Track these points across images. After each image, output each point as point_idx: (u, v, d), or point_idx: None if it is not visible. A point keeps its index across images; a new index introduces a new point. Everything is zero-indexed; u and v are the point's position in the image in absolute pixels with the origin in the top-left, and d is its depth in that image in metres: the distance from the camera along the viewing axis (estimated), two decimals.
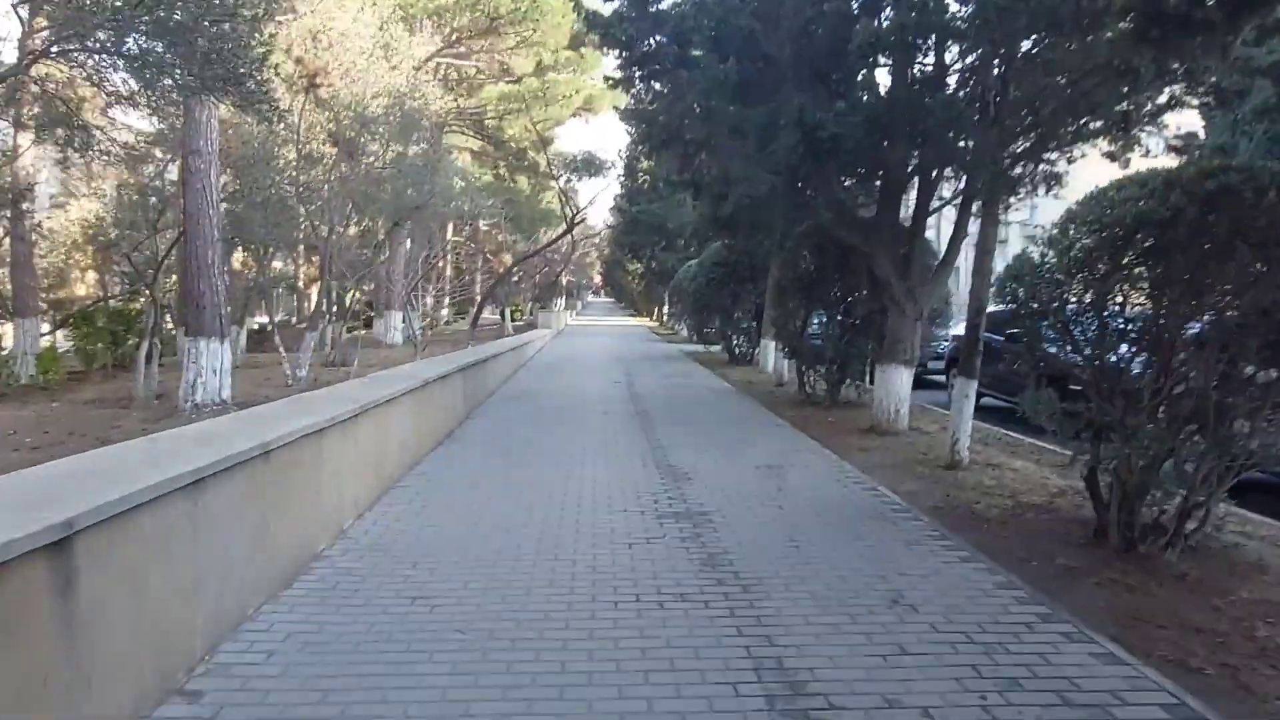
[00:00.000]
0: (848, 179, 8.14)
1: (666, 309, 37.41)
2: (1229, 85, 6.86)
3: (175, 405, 10.11)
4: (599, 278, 72.88)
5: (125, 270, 12.32)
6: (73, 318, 13.09)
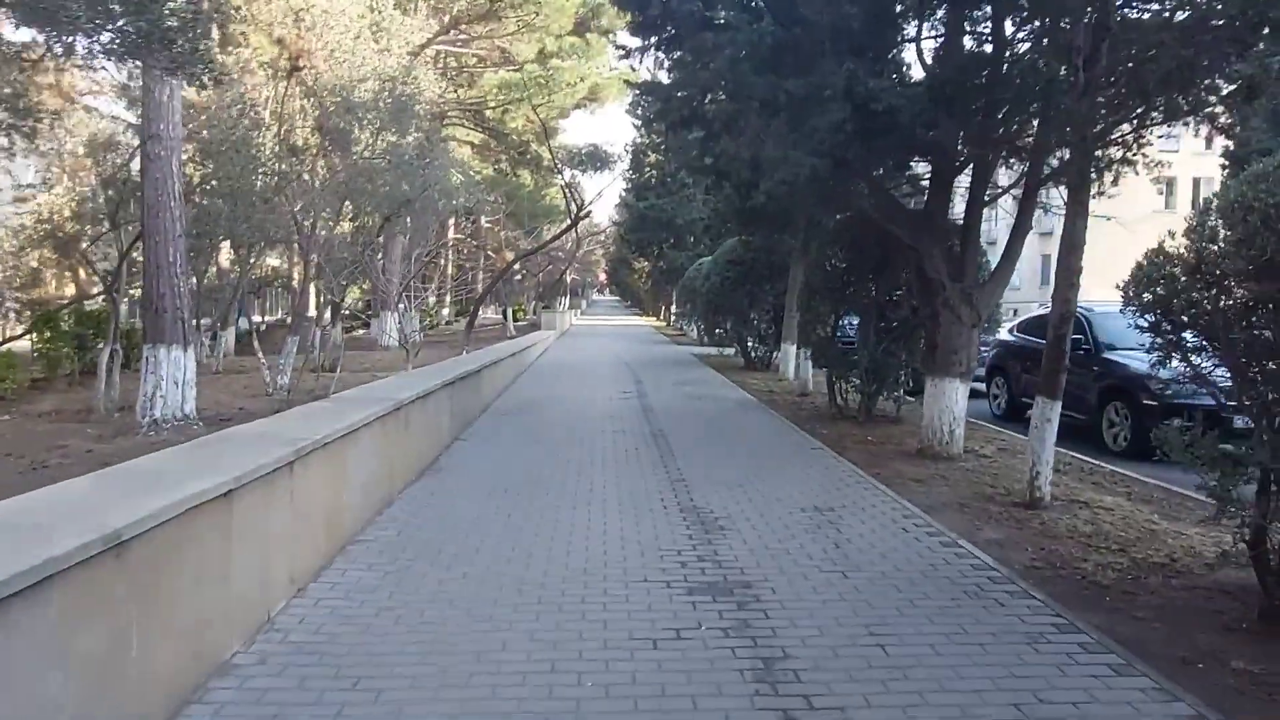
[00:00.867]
0: (894, 164, 7.02)
1: (674, 309, 36.35)
2: None
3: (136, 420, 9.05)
4: (604, 276, 71.91)
5: (94, 269, 11.24)
6: (34, 321, 12.02)
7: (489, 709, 2.61)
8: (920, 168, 8.65)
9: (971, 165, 7.32)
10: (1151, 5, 5.31)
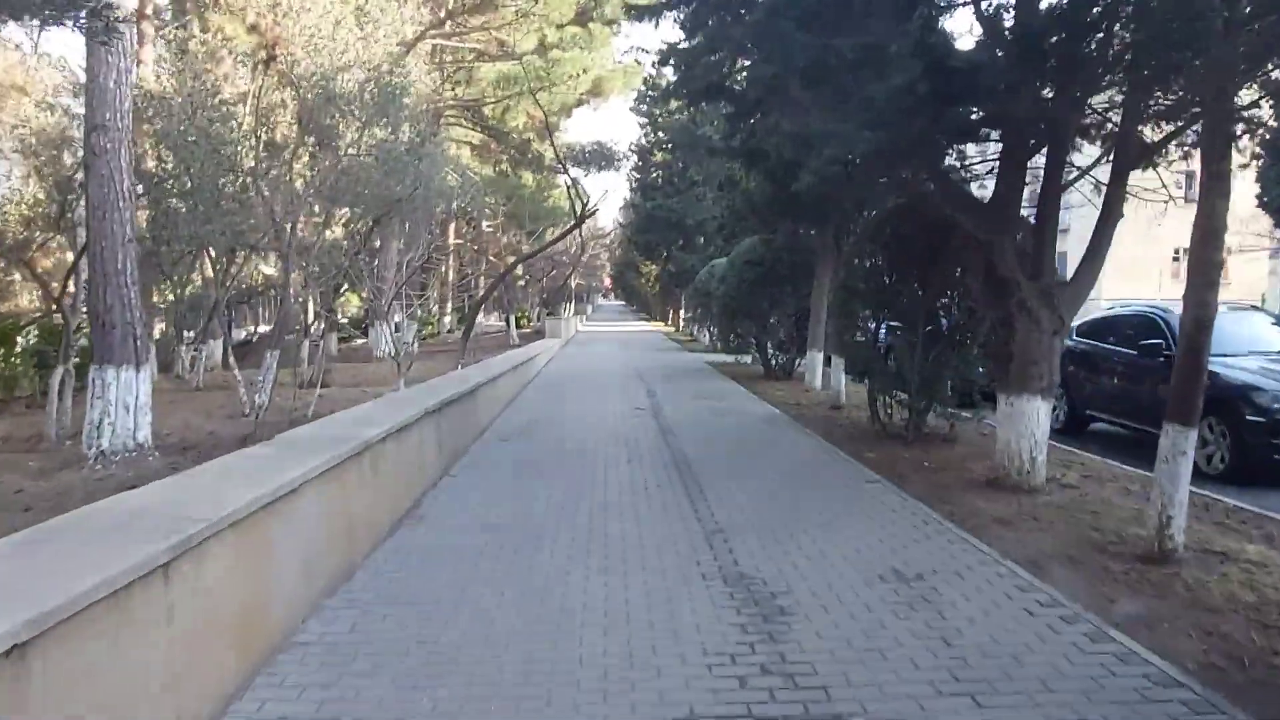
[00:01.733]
0: (962, 138, 5.88)
1: (684, 313, 35.25)
2: None
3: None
4: (609, 280, 70.85)
5: (40, 280, 10.15)
6: None
7: None
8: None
9: (1048, 141, 6.16)
10: None
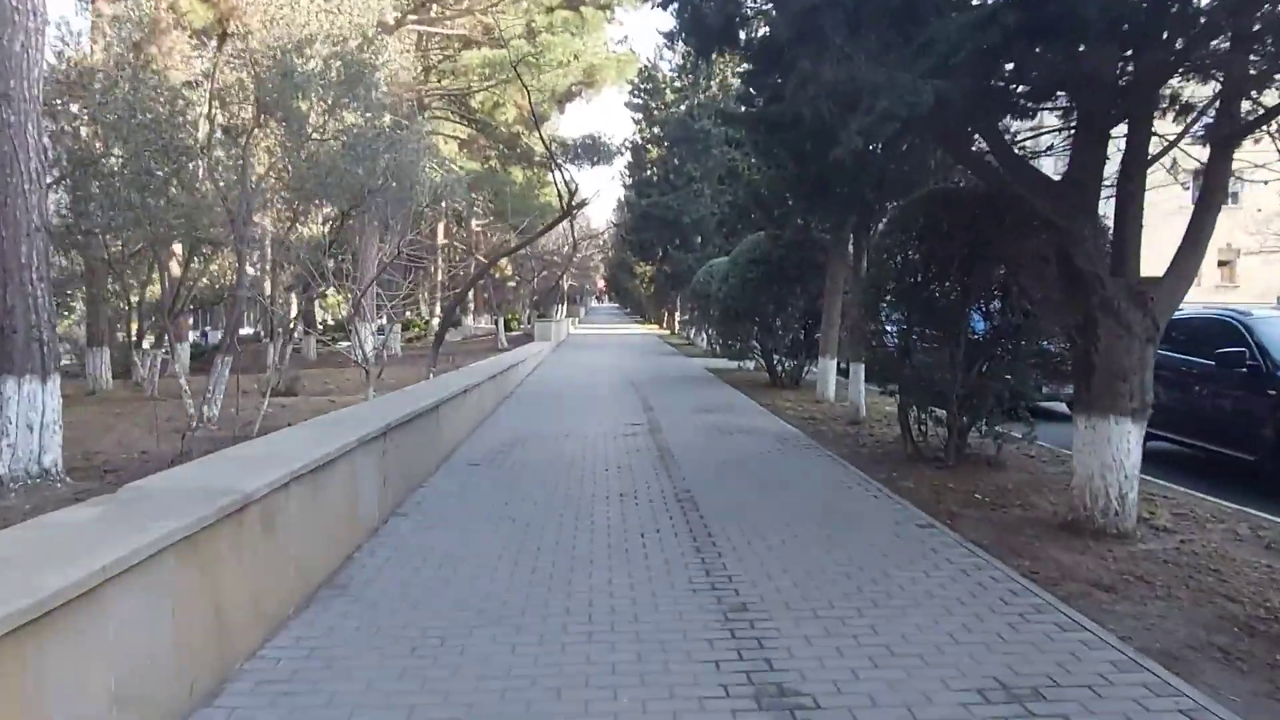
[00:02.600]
0: (1049, 91, 4.72)
1: (680, 316, 34.10)
2: None
3: None
4: (603, 282, 69.71)
5: None
6: None
7: None
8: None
9: (1137, 107, 5.01)
10: None
